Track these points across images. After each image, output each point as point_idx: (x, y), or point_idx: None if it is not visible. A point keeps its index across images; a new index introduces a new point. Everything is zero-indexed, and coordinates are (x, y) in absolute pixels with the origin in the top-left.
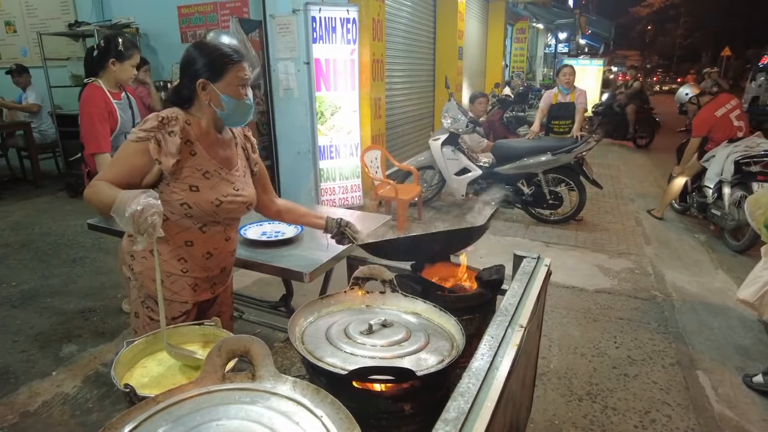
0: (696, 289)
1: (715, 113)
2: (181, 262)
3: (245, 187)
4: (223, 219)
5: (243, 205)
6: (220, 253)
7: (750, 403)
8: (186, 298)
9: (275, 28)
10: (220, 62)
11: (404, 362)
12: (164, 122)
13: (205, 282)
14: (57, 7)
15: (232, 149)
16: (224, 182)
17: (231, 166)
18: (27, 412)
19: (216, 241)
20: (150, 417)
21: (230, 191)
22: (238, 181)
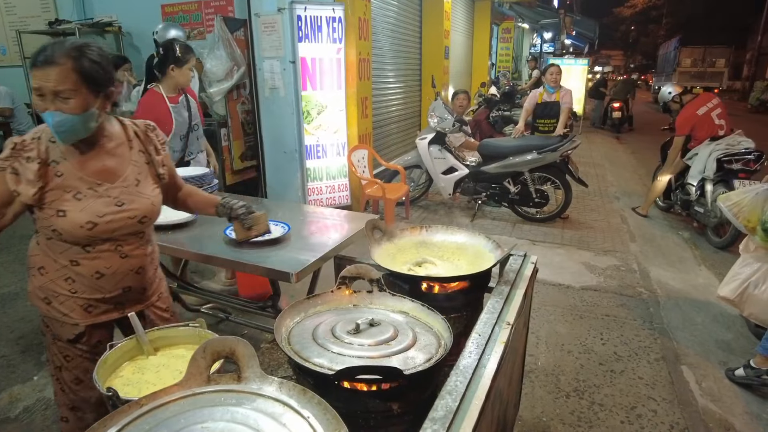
0: (680, 286)
1: (697, 112)
2: (69, 282)
3: (136, 199)
4: (110, 238)
5: (132, 221)
6: (115, 273)
7: (733, 397)
8: (77, 319)
9: (260, 26)
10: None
11: (392, 361)
12: (19, 148)
13: (103, 303)
14: (37, 4)
15: (120, 157)
16: (101, 200)
17: (114, 179)
18: (8, 418)
19: (107, 260)
20: (133, 420)
21: (109, 209)
22: (123, 194)
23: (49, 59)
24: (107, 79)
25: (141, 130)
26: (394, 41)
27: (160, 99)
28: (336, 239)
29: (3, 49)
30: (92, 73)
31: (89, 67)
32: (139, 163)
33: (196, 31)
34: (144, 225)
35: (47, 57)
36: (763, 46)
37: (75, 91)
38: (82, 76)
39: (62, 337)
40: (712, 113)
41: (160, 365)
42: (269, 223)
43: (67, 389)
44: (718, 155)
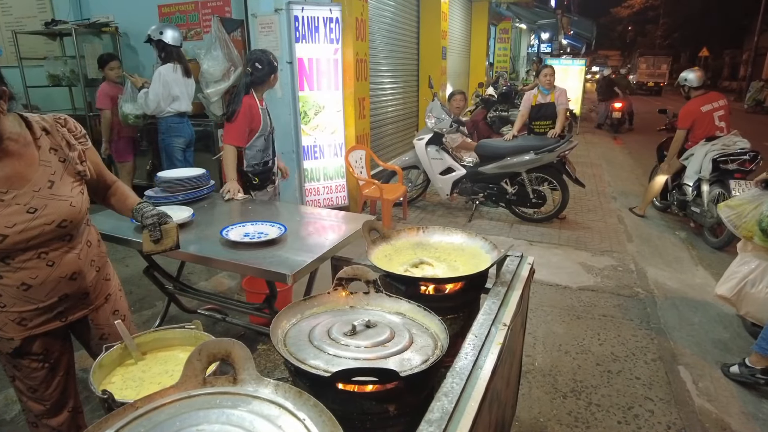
0: (677, 286)
1: (701, 108)
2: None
3: (50, 203)
4: (28, 247)
5: (49, 227)
6: (44, 283)
7: (729, 397)
8: (10, 334)
9: (257, 27)
10: None
11: (388, 363)
12: None
13: (38, 314)
14: (33, 5)
15: (27, 159)
16: (9, 209)
17: (22, 184)
18: (3, 420)
19: (32, 270)
20: (129, 423)
21: (21, 218)
22: (35, 199)
23: None
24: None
25: (50, 124)
26: (392, 42)
27: (254, 101)
28: (333, 240)
29: None
30: None
31: None
32: (51, 162)
33: (193, 31)
34: (66, 229)
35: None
36: (759, 46)
37: None
38: None
39: (3, 350)
40: (715, 113)
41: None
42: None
43: (26, 398)
44: (714, 156)
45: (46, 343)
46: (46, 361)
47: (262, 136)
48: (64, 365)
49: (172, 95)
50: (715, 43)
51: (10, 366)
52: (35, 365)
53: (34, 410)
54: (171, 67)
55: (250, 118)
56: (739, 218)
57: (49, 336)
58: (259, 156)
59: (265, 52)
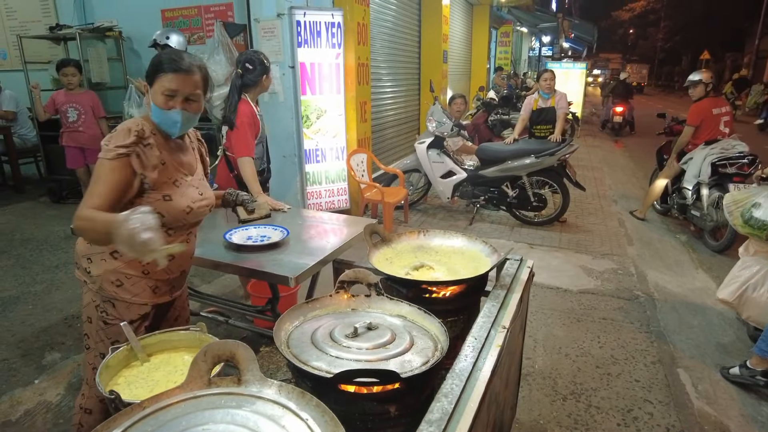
0: (677, 289)
1: (712, 109)
2: (142, 264)
3: (206, 191)
4: (190, 223)
5: (207, 209)
6: (181, 256)
7: (729, 399)
8: (146, 299)
9: (260, 32)
10: (154, 68)
11: (389, 364)
12: (141, 135)
13: (166, 284)
14: (37, 9)
15: (191, 154)
16: (191, 188)
17: (193, 171)
18: (9, 421)
19: (178, 245)
20: (135, 423)
21: (197, 196)
22: (200, 185)
23: (191, 69)
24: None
25: (194, 135)
26: (393, 46)
27: (253, 108)
28: (335, 243)
29: (4, 54)
30: (207, 83)
31: (207, 78)
32: (198, 161)
33: (196, 35)
34: (209, 213)
35: (189, 66)
36: (760, 49)
37: (200, 95)
38: (204, 85)
39: (126, 318)
40: (722, 118)
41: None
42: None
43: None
44: (713, 159)
45: (153, 316)
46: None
47: (260, 143)
48: None
49: None
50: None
51: (107, 341)
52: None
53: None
54: None
55: (254, 128)
56: (736, 206)
57: (157, 309)
58: (258, 163)
59: (256, 53)
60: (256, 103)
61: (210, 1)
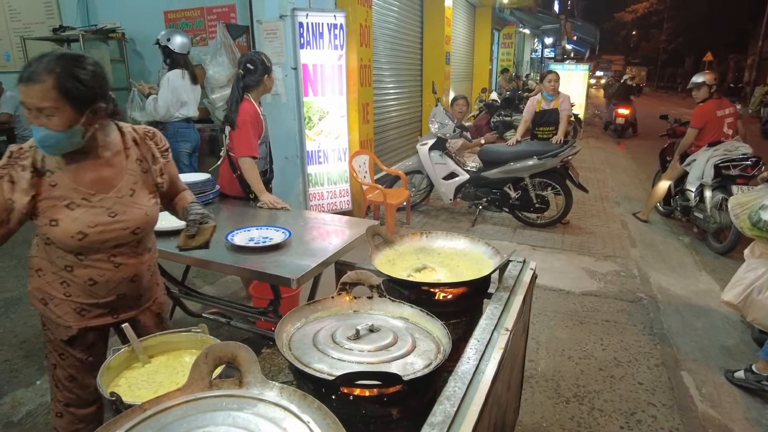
0: (680, 291)
1: (716, 111)
2: (64, 286)
3: (129, 210)
4: (101, 249)
5: (124, 232)
6: (108, 281)
7: (733, 402)
8: (70, 322)
9: (262, 33)
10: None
11: (391, 367)
12: (15, 156)
13: (96, 308)
14: (41, 11)
15: (116, 167)
16: (94, 210)
17: (108, 189)
18: (11, 422)
19: (100, 269)
20: (136, 425)
21: (102, 220)
22: (117, 204)
23: (32, 76)
24: (94, 95)
25: (140, 136)
26: (396, 47)
27: (255, 107)
28: (337, 245)
29: (7, 55)
30: (74, 92)
31: (71, 85)
32: (135, 172)
33: (199, 37)
34: (138, 236)
35: (30, 74)
36: (764, 51)
37: (57, 109)
38: (63, 95)
39: (57, 337)
40: (726, 119)
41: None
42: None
43: (62, 386)
44: (716, 161)
45: (95, 336)
46: (90, 354)
47: (264, 143)
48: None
49: (181, 101)
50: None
51: (56, 354)
52: (81, 356)
53: (64, 399)
54: (179, 73)
55: (257, 127)
56: (742, 208)
57: (99, 331)
58: (261, 164)
59: (257, 53)
60: (259, 104)
61: (213, 3)
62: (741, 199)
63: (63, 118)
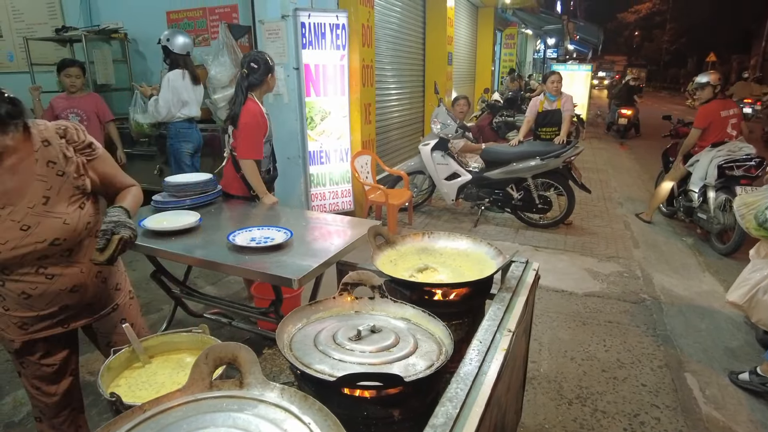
0: (684, 292)
1: (720, 112)
2: (0, 300)
3: (44, 221)
4: (23, 263)
5: (41, 245)
6: (44, 294)
7: (737, 404)
8: (13, 335)
9: (264, 33)
10: None
11: (393, 368)
12: None
13: (39, 320)
14: (44, 12)
15: (22, 174)
16: (3, 225)
17: (18, 200)
18: (12, 422)
19: (30, 282)
20: (136, 426)
21: (13, 235)
22: (28, 216)
23: None
24: None
25: (51, 135)
26: (398, 47)
27: (260, 107)
28: (338, 245)
29: (10, 56)
30: None
31: None
32: (48, 177)
33: (201, 37)
34: (60, 247)
35: None
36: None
37: None
38: None
39: (7, 349)
40: (730, 120)
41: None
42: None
43: (30, 393)
44: (720, 162)
45: (48, 346)
46: (49, 362)
47: (268, 142)
48: (70, 368)
49: (182, 100)
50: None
51: (17, 362)
52: (39, 365)
53: (38, 404)
54: (180, 73)
55: (262, 127)
56: (747, 209)
57: (51, 340)
58: (266, 163)
59: (260, 53)
60: (261, 103)
61: (215, 3)
62: (747, 199)
63: None
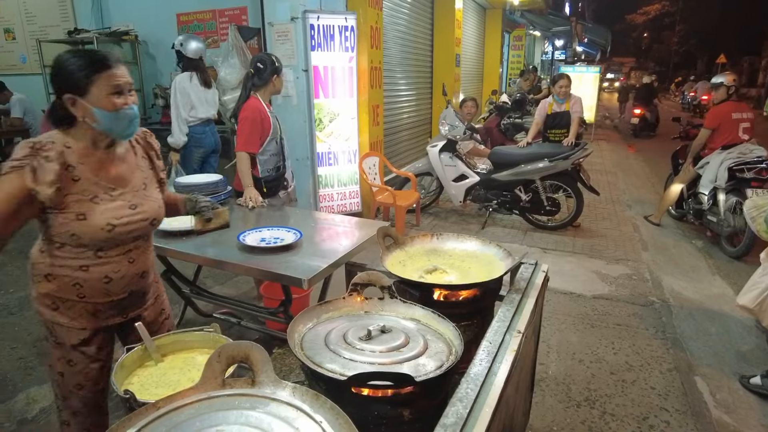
0: (693, 295)
1: (731, 114)
2: (77, 288)
3: (145, 202)
4: (123, 241)
5: (144, 223)
6: (123, 277)
7: (748, 409)
8: (83, 324)
9: (274, 35)
10: (81, 74)
11: (403, 368)
12: (37, 148)
13: (110, 307)
14: (56, 14)
15: (129, 163)
16: (117, 203)
17: (126, 183)
18: (25, 419)
19: (116, 265)
20: (150, 423)
21: (125, 212)
22: (136, 197)
23: (118, 58)
24: None
25: (140, 136)
26: (406, 49)
27: (261, 104)
28: (347, 246)
29: (23, 58)
30: None
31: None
32: (144, 168)
33: (211, 39)
34: (153, 227)
35: (117, 57)
36: None
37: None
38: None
39: (67, 342)
40: (742, 124)
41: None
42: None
43: (69, 394)
44: (730, 164)
45: (104, 338)
46: (98, 357)
47: (273, 140)
48: (108, 365)
49: (190, 102)
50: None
51: (64, 361)
52: (90, 360)
53: (72, 407)
54: (187, 75)
55: (259, 122)
56: (758, 211)
57: (107, 332)
58: (273, 161)
59: (268, 54)
60: (269, 103)
61: (224, 5)
62: (757, 201)
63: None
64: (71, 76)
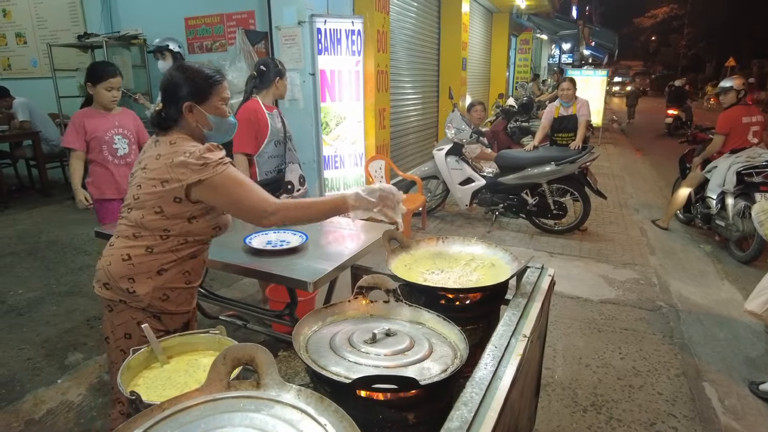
0: (701, 300)
1: (742, 118)
2: (186, 276)
3: None
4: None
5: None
6: (206, 262)
7: (757, 415)
8: (188, 307)
9: (281, 39)
10: (204, 84)
11: (408, 371)
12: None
13: (196, 290)
14: (67, 19)
15: None
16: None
17: None
18: (32, 420)
19: (207, 251)
20: (155, 424)
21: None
22: None
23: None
24: None
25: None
26: (412, 53)
27: (258, 106)
28: (353, 249)
29: (34, 62)
30: None
31: None
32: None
33: (218, 43)
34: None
35: (222, 75)
36: None
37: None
38: None
39: (171, 328)
40: (752, 128)
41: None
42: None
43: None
44: (738, 168)
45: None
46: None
47: (272, 142)
48: None
49: None
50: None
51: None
52: None
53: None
54: None
55: (254, 123)
56: (767, 215)
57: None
58: (273, 163)
59: (272, 58)
60: (274, 107)
61: (232, 9)
62: (766, 206)
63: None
64: (196, 86)
